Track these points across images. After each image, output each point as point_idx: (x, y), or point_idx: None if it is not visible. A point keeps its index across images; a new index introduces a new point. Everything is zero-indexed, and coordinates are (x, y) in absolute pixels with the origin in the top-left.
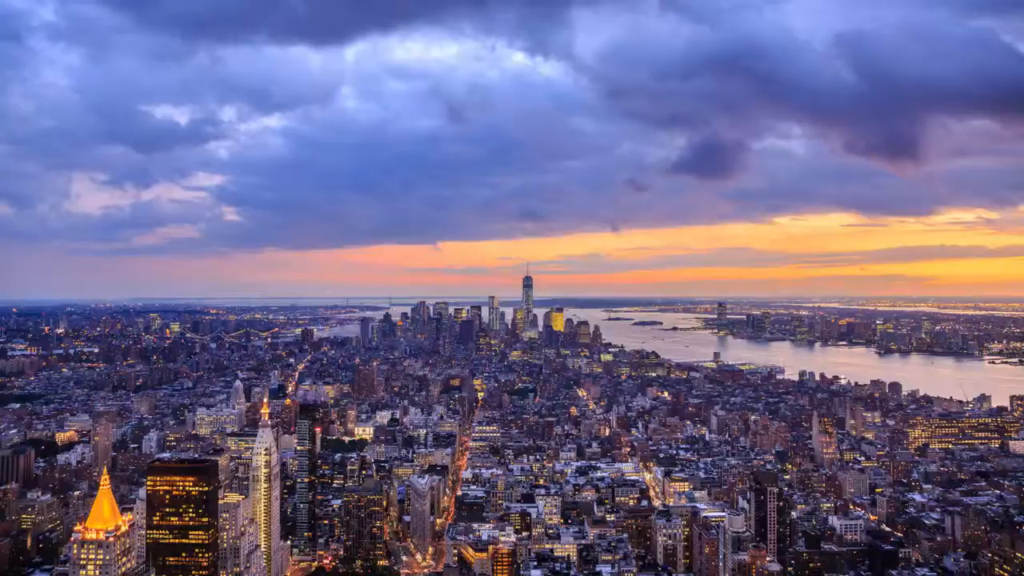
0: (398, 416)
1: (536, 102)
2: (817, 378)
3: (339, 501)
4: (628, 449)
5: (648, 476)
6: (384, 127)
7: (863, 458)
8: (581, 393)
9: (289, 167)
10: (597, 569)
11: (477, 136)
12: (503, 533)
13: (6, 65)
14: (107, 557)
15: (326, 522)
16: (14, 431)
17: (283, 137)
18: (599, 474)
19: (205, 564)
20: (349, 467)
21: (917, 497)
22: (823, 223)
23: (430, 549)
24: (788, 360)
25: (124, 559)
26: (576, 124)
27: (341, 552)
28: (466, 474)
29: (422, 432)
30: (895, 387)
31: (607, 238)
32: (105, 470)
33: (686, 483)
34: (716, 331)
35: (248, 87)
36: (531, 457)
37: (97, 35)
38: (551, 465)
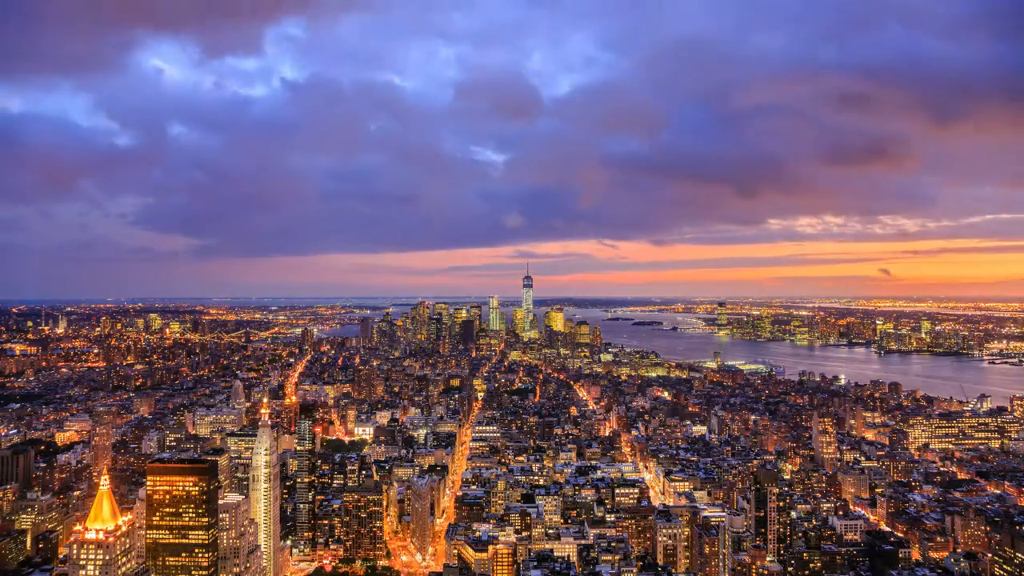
0: (398, 416)
1: None
2: (817, 378)
3: (339, 501)
4: (628, 449)
5: (648, 476)
6: None
7: (863, 458)
8: (581, 393)
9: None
10: (597, 569)
11: None
12: (503, 533)
13: None
14: (107, 557)
15: (326, 522)
16: (14, 431)
17: None
18: (599, 474)
19: (205, 564)
20: (349, 467)
21: (917, 497)
22: None
23: (430, 549)
24: (788, 360)
25: (124, 559)
26: None
27: (341, 552)
28: (466, 474)
29: (422, 432)
30: (895, 387)
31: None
32: (105, 470)
33: (686, 483)
34: (716, 330)
35: None
36: (531, 457)
37: None
38: (551, 465)
